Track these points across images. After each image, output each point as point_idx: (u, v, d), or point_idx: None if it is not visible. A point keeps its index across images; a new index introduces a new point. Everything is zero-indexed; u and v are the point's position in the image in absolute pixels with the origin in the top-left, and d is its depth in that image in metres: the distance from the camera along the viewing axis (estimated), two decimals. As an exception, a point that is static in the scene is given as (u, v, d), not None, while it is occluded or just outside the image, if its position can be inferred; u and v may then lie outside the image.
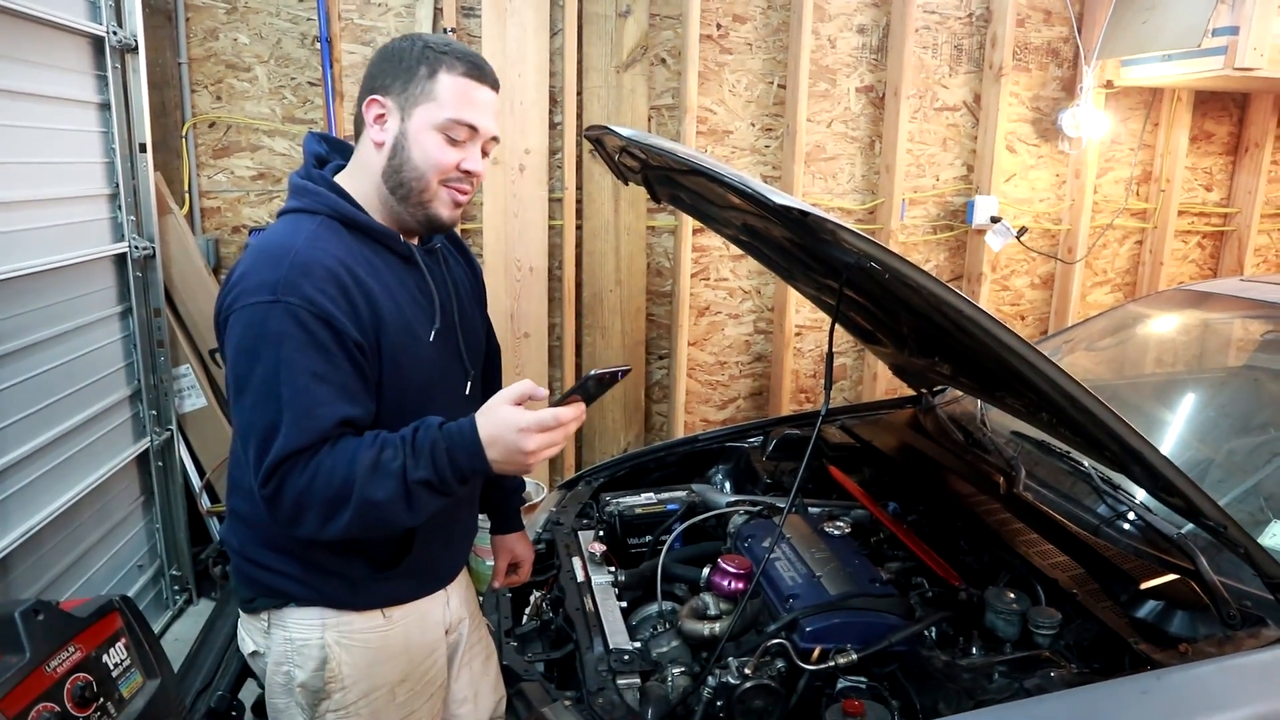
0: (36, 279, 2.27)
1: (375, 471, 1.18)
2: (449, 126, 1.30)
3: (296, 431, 1.17)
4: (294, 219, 1.30)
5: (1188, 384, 2.58)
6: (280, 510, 1.19)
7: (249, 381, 1.19)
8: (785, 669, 1.55)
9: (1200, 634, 1.50)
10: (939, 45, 3.61)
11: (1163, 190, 3.96)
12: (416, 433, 1.22)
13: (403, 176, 1.31)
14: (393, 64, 1.31)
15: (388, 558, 1.37)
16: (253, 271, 1.22)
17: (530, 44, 3.22)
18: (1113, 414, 1.32)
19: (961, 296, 1.24)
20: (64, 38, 2.44)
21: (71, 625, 1.02)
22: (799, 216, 1.19)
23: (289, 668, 1.37)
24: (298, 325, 1.18)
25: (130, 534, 2.76)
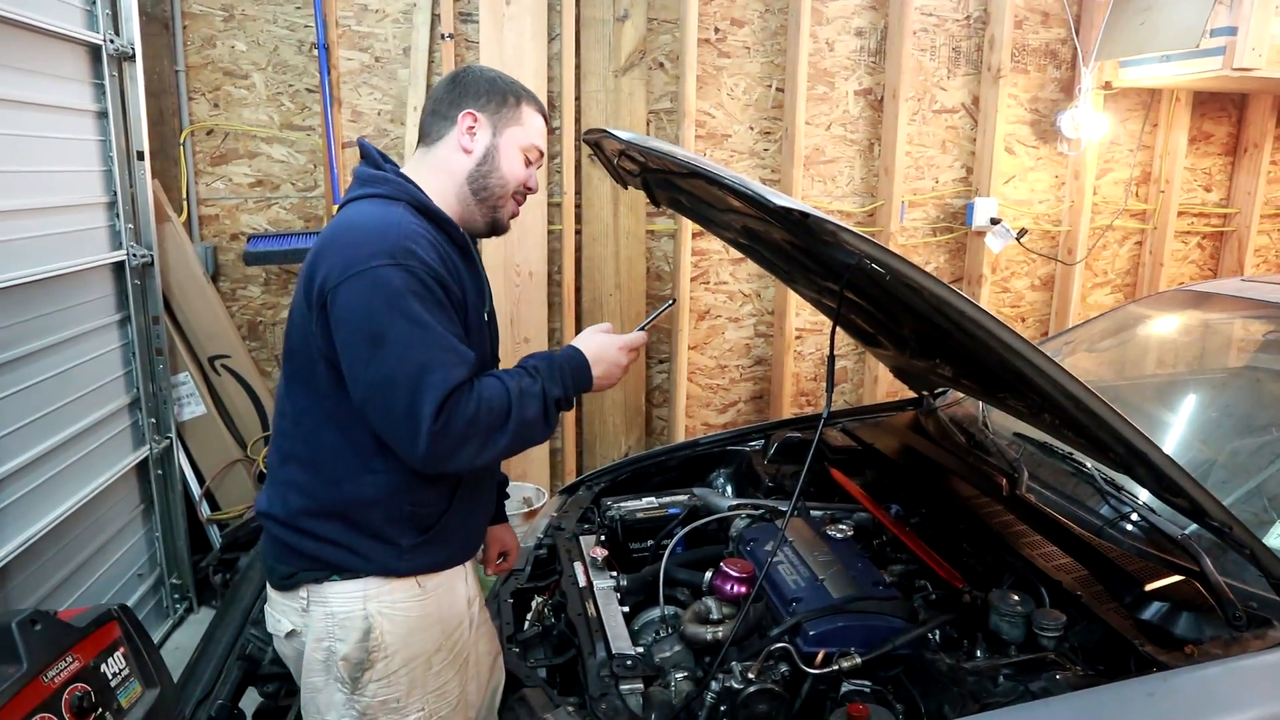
0: (34, 287, 2.27)
1: (524, 395, 1.39)
2: (529, 149, 1.55)
3: (455, 368, 1.31)
4: (378, 203, 1.42)
5: (1189, 385, 2.58)
6: (445, 442, 1.31)
7: (388, 335, 1.29)
8: (789, 673, 1.54)
9: (1206, 635, 1.49)
10: (937, 47, 3.61)
11: (1162, 191, 3.96)
12: (538, 362, 1.46)
13: (489, 181, 1.51)
14: (484, 88, 1.52)
15: (432, 521, 1.47)
16: (361, 242, 1.34)
17: (528, 49, 3.22)
18: (1117, 415, 1.31)
19: (964, 297, 1.23)
20: (61, 46, 2.43)
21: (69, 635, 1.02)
22: (799, 218, 1.19)
23: (330, 643, 1.44)
24: (421, 284, 1.32)
25: (130, 543, 2.75)
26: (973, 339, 1.41)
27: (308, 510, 1.43)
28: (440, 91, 1.56)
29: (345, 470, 1.42)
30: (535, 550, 2.16)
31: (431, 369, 1.29)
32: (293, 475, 1.46)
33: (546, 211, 3.36)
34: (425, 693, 1.50)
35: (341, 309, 1.32)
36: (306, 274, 1.39)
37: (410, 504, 1.44)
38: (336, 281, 1.32)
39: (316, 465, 1.43)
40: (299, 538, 1.44)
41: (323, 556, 1.43)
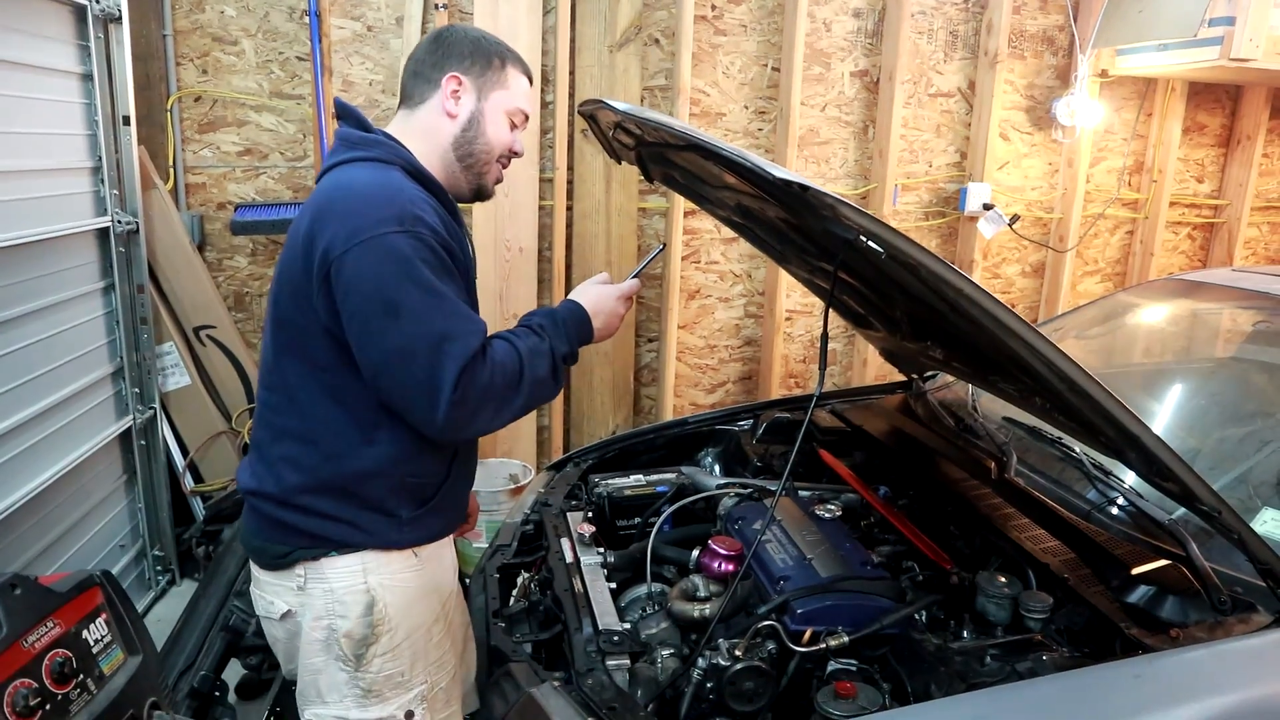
0: (15, 251, 2.23)
1: (534, 354, 1.39)
2: (515, 113, 1.52)
3: (471, 336, 1.30)
4: (374, 167, 1.38)
5: (1177, 373, 2.59)
6: (464, 410, 1.29)
7: (403, 305, 1.26)
8: (775, 651, 1.53)
9: (1191, 619, 1.50)
10: (934, 31, 3.59)
11: (1155, 181, 3.96)
12: (541, 319, 1.47)
13: (474, 147, 1.48)
14: (468, 50, 1.47)
15: (432, 492, 1.47)
16: (365, 209, 1.29)
17: (523, 22, 3.18)
18: (1112, 397, 1.31)
19: (961, 274, 1.22)
20: (45, 5, 2.38)
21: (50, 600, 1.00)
22: (799, 190, 1.17)
23: (330, 620, 1.41)
24: (431, 252, 1.30)
25: (112, 513, 2.72)
26: (968, 319, 1.40)
27: (305, 486, 1.39)
28: (422, 52, 1.50)
29: (346, 444, 1.39)
30: (522, 526, 2.15)
31: (451, 338, 1.28)
32: (288, 451, 1.41)
33: (538, 187, 3.33)
34: (427, 664, 1.49)
35: (350, 278, 1.28)
36: (304, 242, 1.33)
37: (410, 475, 1.43)
38: (343, 249, 1.27)
39: (315, 440, 1.39)
40: (296, 514, 1.40)
41: (322, 532, 1.40)
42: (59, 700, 0.96)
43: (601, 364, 3.54)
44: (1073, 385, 1.32)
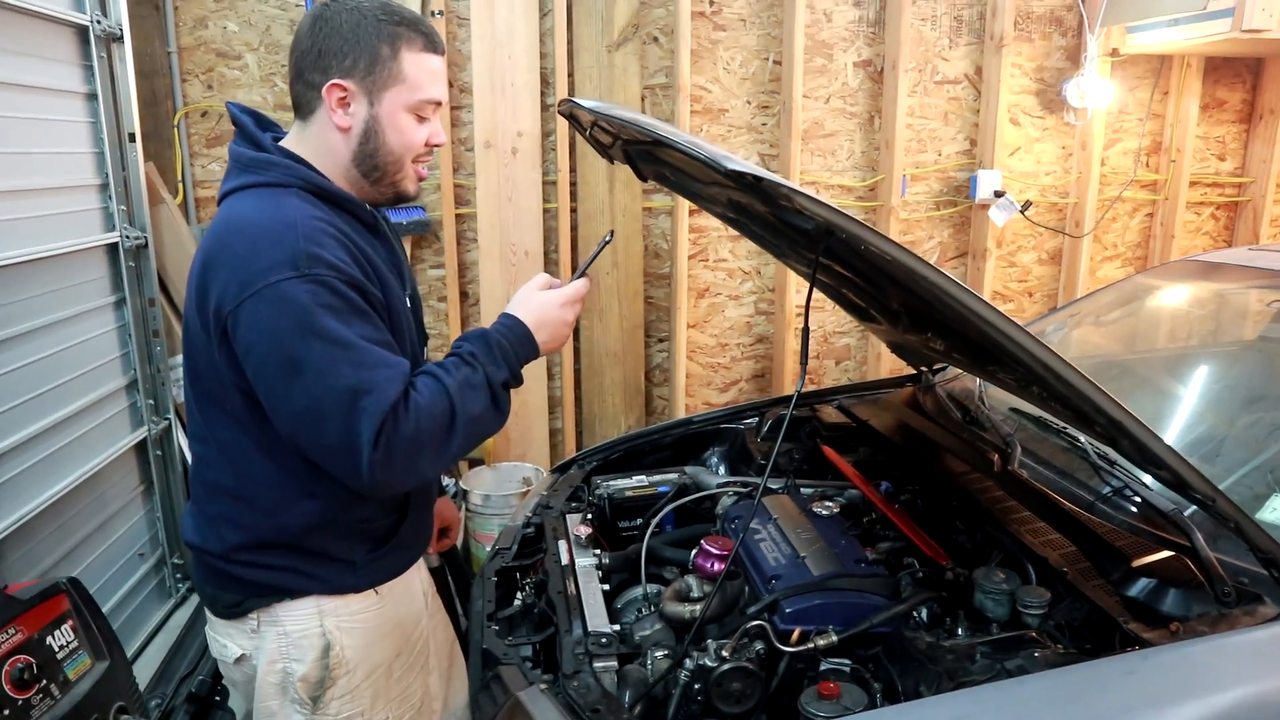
0: (27, 268, 2.27)
1: (465, 390, 1.24)
2: (419, 106, 1.31)
3: (386, 385, 1.16)
4: (267, 194, 1.25)
5: (1197, 357, 2.53)
6: (393, 467, 1.17)
7: (304, 362, 1.14)
8: (764, 651, 1.52)
9: (1194, 612, 1.46)
10: (938, 17, 3.54)
11: (1173, 161, 3.86)
12: (474, 344, 1.30)
13: (377, 160, 1.31)
14: (348, 41, 1.25)
15: (388, 532, 1.40)
16: (253, 253, 1.16)
17: (520, 25, 3.18)
18: (1090, 383, 1.28)
19: (926, 263, 1.20)
20: (48, 27, 2.43)
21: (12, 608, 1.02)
22: (753, 182, 1.15)
23: (284, 664, 1.35)
24: (333, 295, 1.16)
25: (130, 522, 2.77)
26: (946, 308, 1.38)
27: (246, 545, 1.32)
28: (302, 48, 1.28)
29: (283, 500, 1.29)
30: (523, 529, 2.15)
31: (363, 391, 1.14)
32: (223, 509, 1.33)
33: (541, 190, 3.34)
34: (389, 700, 1.45)
35: (245, 336, 1.16)
36: (197, 293, 1.21)
37: (361, 521, 1.35)
38: (234, 304, 1.16)
39: (249, 498, 1.30)
40: (242, 569, 1.33)
41: (271, 583, 1.33)
42: (19, 705, 0.98)
43: (612, 365, 3.53)
44: (1053, 372, 1.29)
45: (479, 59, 3.20)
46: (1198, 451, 2.05)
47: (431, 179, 3.33)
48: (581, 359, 3.55)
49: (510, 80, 3.22)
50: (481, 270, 3.36)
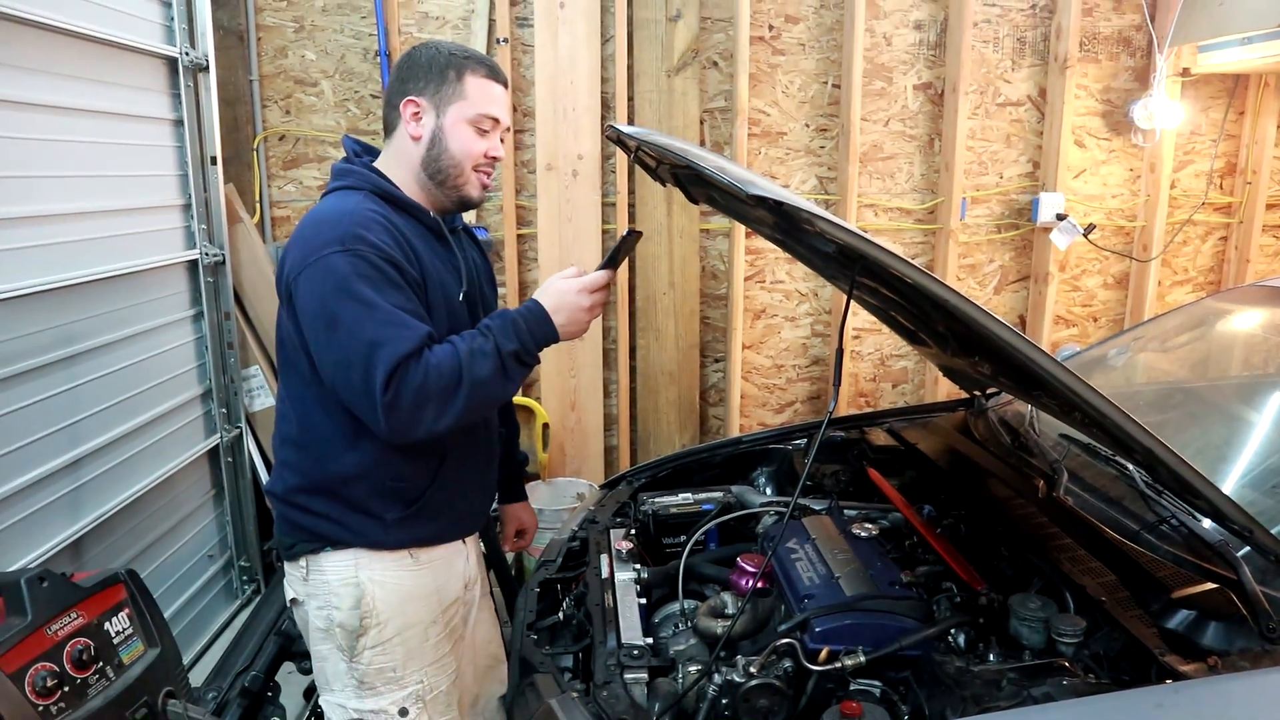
0: (115, 282, 2.44)
1: (474, 355, 1.40)
2: (478, 120, 1.54)
3: (401, 341, 1.35)
4: (341, 195, 1.50)
5: (1264, 385, 2.44)
6: (400, 412, 1.35)
7: (340, 318, 1.36)
8: (792, 669, 1.53)
9: (1235, 647, 1.42)
10: (1000, 39, 3.51)
11: (1249, 183, 3.74)
12: (494, 319, 1.46)
13: (441, 164, 1.54)
14: (423, 69, 1.53)
15: (416, 495, 1.53)
16: (315, 234, 1.41)
17: (581, 51, 3.27)
18: (1116, 408, 1.27)
19: (940, 282, 1.21)
20: (141, 60, 2.61)
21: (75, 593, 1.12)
22: (774, 206, 1.18)
23: (328, 610, 1.53)
24: (370, 267, 1.37)
25: (201, 525, 2.92)
26: (967, 327, 1.38)
27: (300, 487, 1.53)
28: (390, 81, 1.58)
29: (331, 449, 1.50)
30: (569, 542, 2.20)
31: (380, 345, 1.34)
32: (288, 456, 1.57)
33: (600, 211, 3.41)
34: (423, 664, 1.57)
35: (301, 299, 1.40)
36: (279, 268, 1.48)
37: (392, 479, 1.51)
38: (296, 273, 1.40)
39: (307, 445, 1.53)
40: (295, 512, 1.54)
41: (316, 529, 1.53)
42: (77, 684, 1.07)
43: (667, 384, 3.58)
44: (1080, 397, 1.29)
45: (541, 84, 3.30)
46: (1268, 483, 1.98)
47: (494, 200, 3.45)
48: (638, 378, 3.61)
49: (572, 105, 3.32)
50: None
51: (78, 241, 2.29)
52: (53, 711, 1.03)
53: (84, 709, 1.08)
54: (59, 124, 2.24)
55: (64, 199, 2.25)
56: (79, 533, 2.23)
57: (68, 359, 2.23)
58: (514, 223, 3.44)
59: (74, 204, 2.28)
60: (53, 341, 2.18)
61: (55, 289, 2.17)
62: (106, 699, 1.10)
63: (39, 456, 2.12)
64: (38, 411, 2.12)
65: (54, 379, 2.18)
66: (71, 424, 2.25)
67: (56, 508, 2.18)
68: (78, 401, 2.28)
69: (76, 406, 2.27)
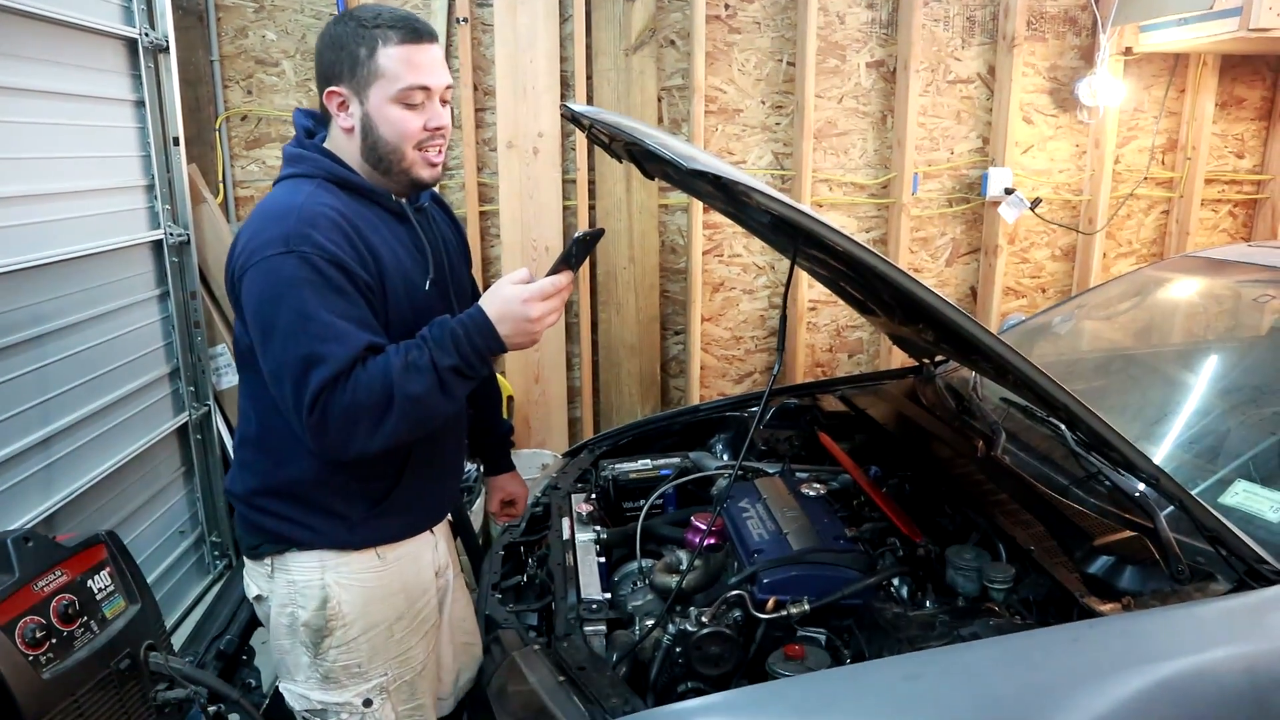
0: (80, 263, 2.46)
1: (408, 370, 1.30)
2: (404, 95, 1.39)
3: (331, 359, 1.28)
4: (292, 183, 1.41)
5: (1192, 350, 2.58)
6: (329, 434, 1.29)
7: (275, 326, 1.30)
8: (742, 618, 1.63)
9: (1148, 588, 1.54)
10: (951, 18, 3.60)
11: (1189, 158, 3.88)
12: (433, 329, 1.36)
13: (379, 152, 1.43)
14: (336, 52, 1.40)
15: (381, 493, 1.48)
16: (261, 230, 1.34)
17: (541, 30, 3.32)
18: (1040, 371, 1.37)
19: (868, 249, 1.29)
20: (100, 41, 2.61)
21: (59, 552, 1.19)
22: (712, 180, 1.26)
23: (292, 609, 1.49)
24: (313, 270, 1.29)
25: (171, 502, 2.96)
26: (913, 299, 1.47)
27: (260, 489, 1.48)
28: (316, 68, 1.47)
29: (289, 451, 1.44)
30: (532, 507, 2.29)
31: (314, 360, 1.27)
32: (247, 456, 1.51)
33: (561, 188, 3.47)
34: (388, 659, 1.54)
35: (244, 301, 1.34)
36: (226, 263, 1.41)
37: (355, 480, 1.46)
38: (240, 274, 1.34)
39: (265, 447, 1.47)
40: (257, 514, 1.49)
41: (279, 531, 1.47)
42: (64, 636, 1.14)
43: (629, 357, 3.66)
44: (999, 357, 1.39)
45: (502, 63, 3.34)
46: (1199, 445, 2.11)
47: (456, 177, 3.49)
48: (600, 351, 3.68)
49: (532, 83, 3.36)
50: (504, 265, 3.51)
51: (42, 223, 2.31)
52: (42, 661, 1.10)
53: (71, 659, 1.14)
54: (19, 106, 2.24)
55: (27, 181, 2.26)
56: (52, 509, 2.27)
57: (36, 339, 2.26)
58: (476, 200, 3.49)
59: (37, 186, 2.30)
60: (20, 322, 2.20)
61: (21, 270, 2.18)
62: (91, 650, 1.17)
63: (11, 434, 2.16)
64: (8, 390, 2.15)
65: (23, 359, 2.21)
66: (42, 402, 2.28)
67: (29, 484, 2.22)
68: (47, 380, 2.31)
69: (46, 385, 2.30)
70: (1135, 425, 2.16)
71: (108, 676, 1.21)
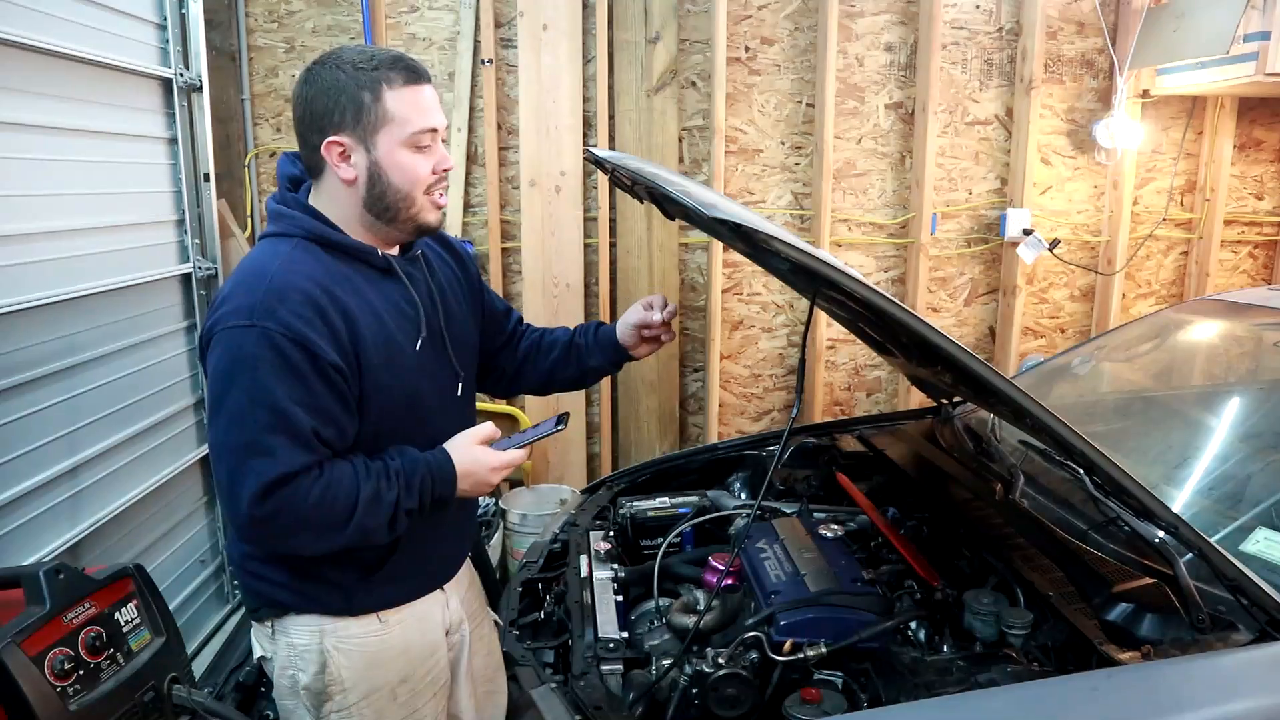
0: (111, 296, 2.51)
1: (374, 503, 1.30)
2: (415, 139, 1.34)
3: (285, 455, 1.23)
4: (272, 243, 1.35)
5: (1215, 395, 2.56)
6: (270, 527, 1.26)
7: (225, 402, 1.25)
8: (758, 660, 1.63)
9: (1168, 637, 1.53)
10: (968, 60, 3.65)
11: (1208, 200, 3.89)
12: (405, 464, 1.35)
13: (388, 201, 1.36)
14: (332, 99, 1.32)
15: (377, 561, 1.43)
16: (232, 296, 1.29)
17: (564, 71, 3.39)
18: (1052, 415, 1.38)
19: (888, 298, 1.31)
20: (136, 81, 2.69)
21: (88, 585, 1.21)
22: (732, 227, 1.28)
23: (293, 671, 1.46)
24: (272, 349, 1.24)
25: (192, 531, 2.99)
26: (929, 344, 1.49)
27: (252, 555, 1.44)
28: (298, 116, 1.36)
29: None
30: (550, 544, 2.30)
31: (256, 452, 1.23)
32: None
33: (583, 225, 3.52)
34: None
35: (207, 364, 1.30)
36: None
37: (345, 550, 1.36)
38: (207, 337, 1.30)
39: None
40: (252, 580, 1.45)
41: (274, 597, 1.44)
42: (91, 668, 1.16)
43: (648, 394, 3.68)
44: (1015, 404, 1.40)
45: (525, 103, 3.41)
46: (1219, 490, 2.10)
47: (479, 215, 3.55)
48: (619, 387, 3.71)
49: (555, 123, 3.42)
50: (525, 301, 3.55)
51: (77, 257, 2.37)
52: (69, 692, 1.13)
53: (97, 691, 1.17)
54: (59, 144, 2.32)
55: (64, 216, 2.33)
56: (76, 537, 2.30)
57: (67, 370, 2.31)
58: (499, 237, 3.54)
59: (73, 221, 2.36)
60: (54, 353, 2.26)
61: (55, 302, 2.24)
62: (117, 682, 1.19)
63: (40, 463, 2.20)
64: (38, 420, 2.20)
65: (54, 389, 2.26)
66: (70, 432, 2.32)
67: (56, 513, 2.26)
68: (76, 411, 2.36)
69: (75, 416, 2.35)
70: (1155, 469, 2.16)
71: (132, 709, 1.23)
